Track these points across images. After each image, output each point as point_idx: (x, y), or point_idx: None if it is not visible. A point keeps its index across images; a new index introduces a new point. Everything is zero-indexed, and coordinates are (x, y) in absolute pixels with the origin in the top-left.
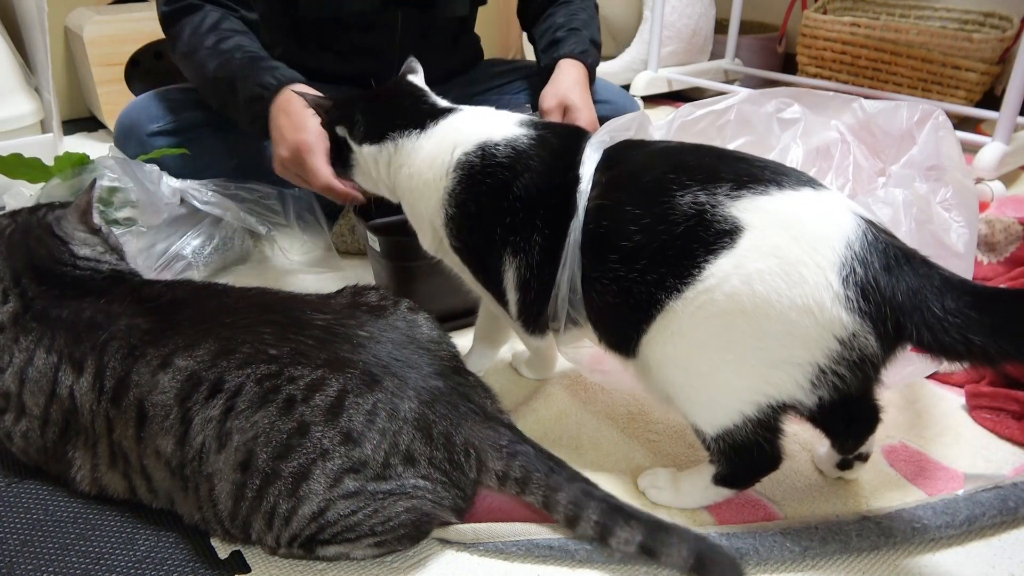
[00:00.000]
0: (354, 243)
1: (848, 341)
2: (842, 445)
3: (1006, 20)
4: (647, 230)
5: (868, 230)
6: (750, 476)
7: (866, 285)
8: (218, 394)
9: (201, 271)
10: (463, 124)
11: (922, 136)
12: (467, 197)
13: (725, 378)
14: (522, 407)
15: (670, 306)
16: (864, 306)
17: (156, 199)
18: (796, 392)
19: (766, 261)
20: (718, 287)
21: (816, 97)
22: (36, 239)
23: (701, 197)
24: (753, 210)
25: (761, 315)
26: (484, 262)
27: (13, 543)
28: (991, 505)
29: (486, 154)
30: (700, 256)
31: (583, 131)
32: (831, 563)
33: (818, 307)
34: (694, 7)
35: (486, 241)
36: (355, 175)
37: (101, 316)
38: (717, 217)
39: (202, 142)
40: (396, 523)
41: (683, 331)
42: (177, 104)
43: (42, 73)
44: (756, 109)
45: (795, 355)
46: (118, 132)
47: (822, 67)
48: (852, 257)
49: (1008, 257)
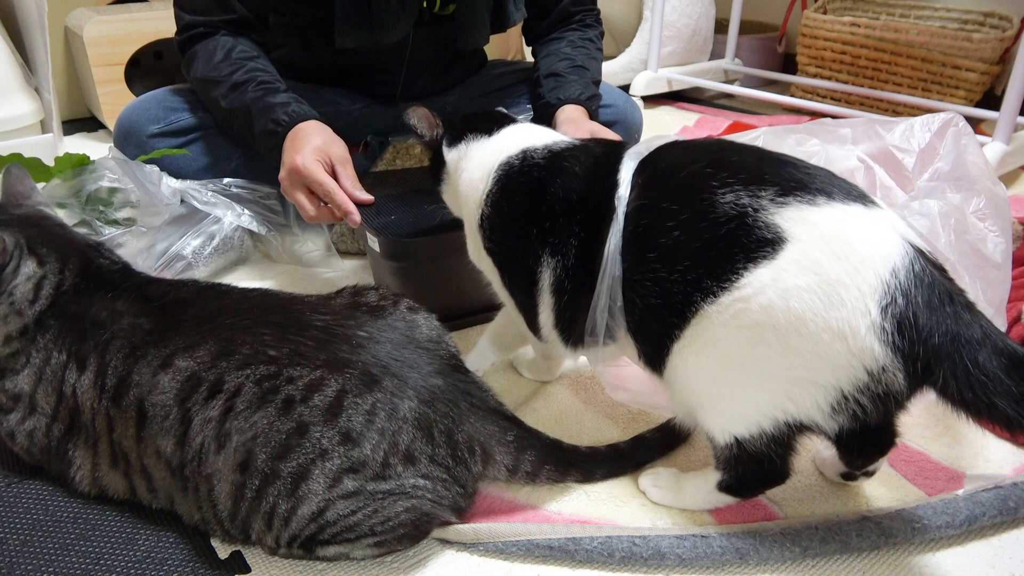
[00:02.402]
0: (354, 243)
1: (877, 374)
2: (851, 461)
3: (1006, 20)
4: (686, 227)
5: (916, 259)
6: (755, 487)
7: (904, 319)
8: (218, 395)
9: (201, 271)
10: (516, 132)
11: (944, 147)
12: (501, 197)
13: (747, 389)
14: (522, 407)
15: (705, 310)
16: (899, 341)
17: (156, 199)
18: (815, 414)
19: (805, 277)
20: (754, 298)
21: (833, 132)
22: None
23: (744, 199)
24: (798, 221)
25: (793, 333)
26: (514, 265)
27: (13, 543)
28: (991, 505)
29: (526, 156)
30: (740, 262)
31: (625, 144)
32: (831, 563)
33: (852, 334)
34: (694, 7)
35: (520, 242)
36: (444, 193)
37: (106, 314)
38: (759, 223)
39: (202, 143)
40: (396, 523)
41: (715, 339)
42: (178, 105)
43: (42, 73)
44: (778, 142)
45: (820, 377)
46: (117, 133)
47: (822, 67)
48: (896, 287)
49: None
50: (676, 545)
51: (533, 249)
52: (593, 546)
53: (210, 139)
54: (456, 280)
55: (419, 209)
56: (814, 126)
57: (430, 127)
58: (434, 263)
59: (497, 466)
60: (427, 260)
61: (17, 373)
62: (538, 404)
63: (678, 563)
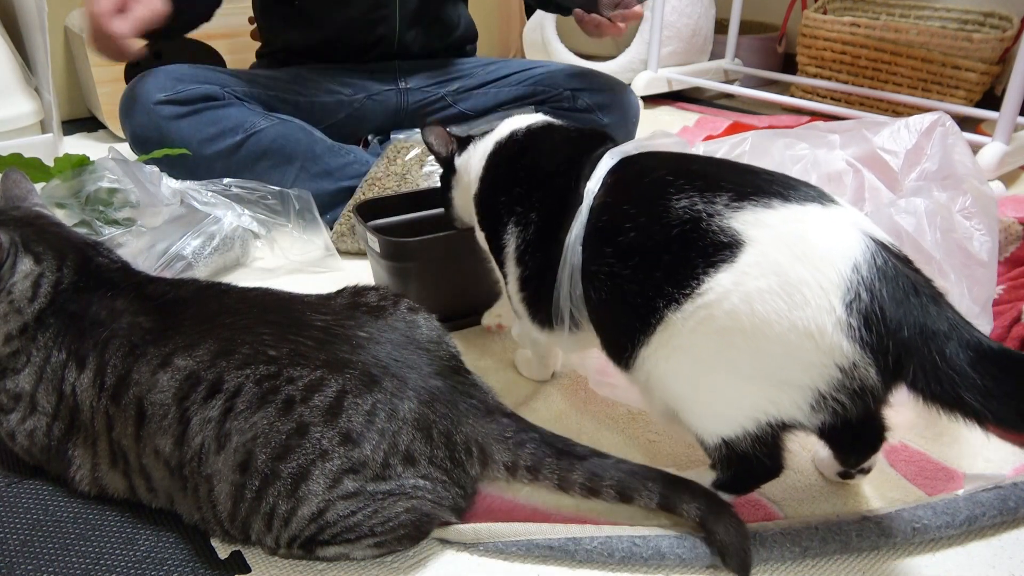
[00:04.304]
0: (354, 243)
1: (848, 371)
2: (845, 459)
3: (1006, 20)
4: (641, 228)
5: (878, 253)
6: (750, 484)
7: (870, 314)
8: (217, 394)
9: (201, 271)
10: (512, 120)
11: (931, 147)
12: (486, 174)
13: (725, 394)
14: (522, 407)
15: (670, 318)
16: (867, 336)
17: (156, 199)
18: (796, 414)
19: (767, 280)
20: (717, 303)
21: (822, 137)
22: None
23: (698, 204)
24: (755, 224)
25: (760, 336)
26: (493, 234)
27: (13, 543)
28: (991, 505)
29: (512, 135)
30: (699, 268)
31: (606, 133)
32: (831, 563)
33: (819, 332)
34: (694, 7)
35: (495, 211)
36: (454, 202)
37: (105, 312)
38: (713, 228)
39: (208, 114)
40: (396, 523)
41: (684, 346)
42: (185, 77)
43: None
44: (768, 145)
45: (795, 377)
46: (124, 101)
47: (822, 67)
48: (859, 282)
49: (1008, 257)
50: (676, 545)
51: (502, 217)
52: (593, 546)
53: (215, 111)
54: (456, 280)
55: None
56: (803, 131)
57: (446, 144)
58: (434, 263)
59: (496, 466)
60: (427, 260)
61: (18, 372)
62: (538, 404)
63: (678, 563)
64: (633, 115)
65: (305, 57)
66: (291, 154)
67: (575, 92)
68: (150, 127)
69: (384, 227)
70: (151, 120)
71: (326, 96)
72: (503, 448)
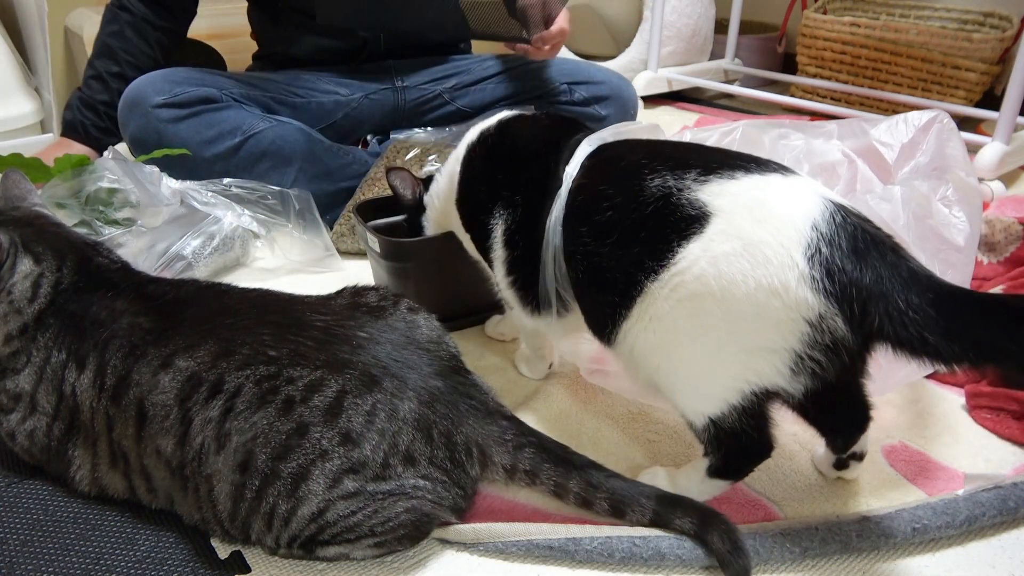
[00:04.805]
0: (354, 243)
1: (817, 323)
2: (834, 444)
3: (1006, 20)
4: (617, 208)
5: (837, 212)
6: (743, 465)
7: (832, 265)
8: (218, 395)
9: (201, 271)
10: (478, 123)
11: (927, 142)
12: (464, 169)
13: (706, 365)
14: (522, 407)
15: (648, 288)
16: (830, 287)
17: (156, 199)
18: (777, 379)
19: (731, 243)
20: (688, 269)
21: (818, 128)
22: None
23: (669, 181)
24: (720, 195)
25: (729, 297)
26: (480, 227)
27: (13, 543)
28: (991, 505)
29: (481, 133)
30: (674, 240)
31: (578, 121)
32: (831, 563)
33: (783, 287)
34: (694, 7)
35: (479, 201)
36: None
37: (105, 313)
38: (683, 201)
39: (206, 116)
40: (396, 523)
41: (660, 315)
42: (183, 79)
43: (42, 73)
44: (760, 134)
45: (768, 340)
46: (123, 105)
47: (822, 67)
48: (818, 238)
49: (1008, 257)
50: (676, 545)
51: (486, 204)
52: (593, 546)
53: (214, 113)
54: (456, 280)
55: None
56: (800, 124)
57: (412, 187)
58: (434, 263)
59: (495, 467)
60: (427, 260)
61: (18, 372)
62: (538, 404)
63: (678, 563)
64: (631, 107)
65: (298, 60)
66: (290, 155)
67: (571, 86)
68: (149, 131)
69: (384, 227)
70: (150, 124)
71: (323, 97)
72: (503, 450)
